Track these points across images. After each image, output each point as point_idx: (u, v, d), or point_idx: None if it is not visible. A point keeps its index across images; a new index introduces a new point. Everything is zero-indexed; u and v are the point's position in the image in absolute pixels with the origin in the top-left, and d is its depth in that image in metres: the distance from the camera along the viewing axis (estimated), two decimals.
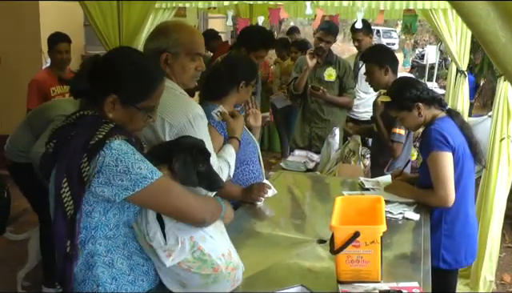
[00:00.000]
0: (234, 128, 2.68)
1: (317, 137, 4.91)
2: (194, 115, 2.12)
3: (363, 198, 2.53)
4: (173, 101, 2.13)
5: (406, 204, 2.78)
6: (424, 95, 2.79)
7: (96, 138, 1.63)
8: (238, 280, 1.87)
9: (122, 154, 1.63)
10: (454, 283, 2.97)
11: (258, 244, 2.37)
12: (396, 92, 2.90)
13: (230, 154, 2.54)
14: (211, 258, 1.75)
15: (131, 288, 1.78)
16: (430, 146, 2.67)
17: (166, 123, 2.07)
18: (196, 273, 1.75)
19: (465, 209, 2.79)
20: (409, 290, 1.80)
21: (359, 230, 1.84)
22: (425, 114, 2.79)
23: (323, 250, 2.22)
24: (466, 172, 2.75)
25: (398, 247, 2.33)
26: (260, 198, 2.82)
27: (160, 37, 2.19)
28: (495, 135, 3.80)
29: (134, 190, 1.64)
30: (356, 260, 1.88)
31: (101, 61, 1.77)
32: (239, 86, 2.86)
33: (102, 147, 1.62)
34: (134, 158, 1.64)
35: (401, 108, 2.85)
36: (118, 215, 1.73)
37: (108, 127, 1.67)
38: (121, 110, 1.73)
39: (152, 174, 1.66)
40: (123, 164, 1.62)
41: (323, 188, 3.48)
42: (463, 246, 2.79)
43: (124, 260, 1.77)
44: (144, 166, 1.65)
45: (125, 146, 1.65)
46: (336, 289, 1.87)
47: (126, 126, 1.76)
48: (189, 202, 1.75)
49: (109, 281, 1.73)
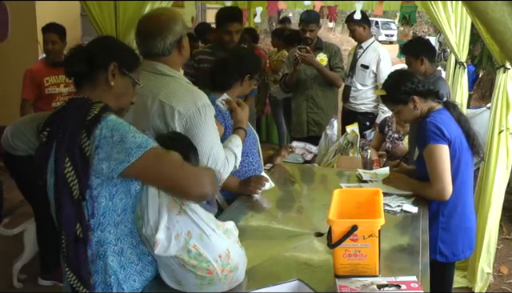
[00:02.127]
0: (241, 118, 2.68)
1: (314, 122, 4.94)
2: (203, 104, 2.18)
3: (361, 190, 2.52)
4: (181, 90, 2.19)
5: (405, 197, 2.76)
6: (419, 88, 2.77)
7: (92, 114, 1.69)
8: (237, 281, 1.83)
9: (117, 124, 1.69)
10: (451, 276, 2.96)
11: (255, 237, 2.35)
12: (391, 85, 2.88)
13: (237, 146, 2.54)
14: (207, 258, 1.73)
15: (139, 278, 1.79)
16: (426, 139, 2.65)
17: (175, 112, 2.11)
18: (191, 272, 1.73)
19: (463, 202, 2.77)
20: (407, 284, 1.79)
21: (357, 224, 1.83)
22: (421, 107, 2.77)
23: (320, 244, 2.20)
24: (464, 165, 2.73)
25: (396, 240, 2.31)
26: (257, 191, 2.80)
27: (174, 27, 2.24)
28: (494, 127, 3.78)
29: (130, 161, 1.64)
30: (354, 254, 1.86)
31: (92, 42, 1.91)
32: (244, 79, 2.86)
33: (100, 121, 1.68)
34: (128, 128, 1.70)
35: (396, 101, 2.83)
36: (124, 200, 1.72)
37: (100, 105, 1.73)
38: (120, 79, 1.84)
39: (146, 143, 1.68)
40: (118, 133, 1.66)
41: (321, 180, 3.46)
42: (460, 239, 2.78)
43: (132, 249, 1.77)
44: (138, 135, 1.69)
45: (118, 120, 1.72)
46: (333, 283, 1.85)
47: (121, 100, 1.87)
48: (186, 173, 1.75)
49: (119, 270, 1.74)
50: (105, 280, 1.73)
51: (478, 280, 3.94)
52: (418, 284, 1.79)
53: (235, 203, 2.72)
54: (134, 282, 1.77)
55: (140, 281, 1.80)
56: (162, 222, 1.70)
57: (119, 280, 1.73)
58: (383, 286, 1.77)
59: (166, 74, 2.23)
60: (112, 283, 1.73)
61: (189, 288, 1.78)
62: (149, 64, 2.24)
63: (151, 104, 2.18)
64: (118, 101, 1.85)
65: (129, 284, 1.76)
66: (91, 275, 1.71)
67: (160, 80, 2.21)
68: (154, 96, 2.18)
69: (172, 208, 1.73)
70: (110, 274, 1.72)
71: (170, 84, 2.20)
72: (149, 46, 2.25)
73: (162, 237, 1.69)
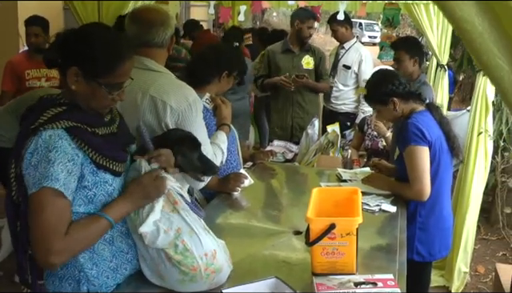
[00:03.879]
0: (226, 115, 2.69)
1: (299, 127, 4.88)
2: (193, 99, 2.19)
3: (340, 189, 2.53)
4: (172, 85, 2.19)
5: (383, 196, 2.78)
6: (399, 90, 2.78)
7: (37, 123, 1.61)
8: (218, 283, 1.82)
9: (41, 148, 1.59)
10: (428, 275, 3.00)
11: (233, 235, 2.34)
12: (372, 85, 2.91)
13: (222, 141, 2.56)
14: (193, 254, 1.73)
15: (112, 275, 1.77)
16: (407, 140, 2.67)
17: (168, 106, 2.11)
18: (175, 266, 1.73)
19: (440, 203, 2.80)
20: (383, 282, 1.80)
21: (335, 222, 1.83)
22: (401, 108, 2.79)
23: (299, 242, 2.20)
24: (443, 166, 2.76)
25: (374, 239, 2.32)
26: (237, 188, 2.80)
27: (170, 22, 2.25)
28: (473, 129, 3.83)
29: (32, 190, 1.58)
30: (331, 252, 1.87)
31: (70, 32, 1.73)
32: (221, 76, 2.83)
33: (36, 133, 1.60)
34: (47, 156, 1.57)
35: (376, 101, 2.87)
36: (84, 206, 1.69)
37: (54, 111, 1.64)
38: (83, 84, 1.67)
39: (44, 179, 1.55)
40: (38, 157, 1.59)
41: (301, 179, 3.47)
42: (437, 240, 2.81)
43: (105, 246, 1.75)
44: (47, 167, 1.56)
45: (53, 139, 1.59)
46: (311, 281, 1.85)
47: (90, 103, 1.71)
48: (54, 231, 1.57)
49: (89, 266, 1.72)
50: (73, 275, 1.72)
51: (455, 279, 3.98)
52: (395, 282, 1.80)
53: (214, 201, 2.71)
54: (107, 279, 1.76)
55: (114, 278, 1.78)
56: (151, 217, 1.71)
57: (88, 276, 1.72)
58: (360, 284, 1.78)
59: (154, 69, 2.23)
60: (81, 278, 1.72)
61: (170, 284, 1.78)
62: (136, 59, 2.20)
63: (141, 99, 2.16)
64: (87, 102, 1.71)
65: (101, 281, 1.74)
66: (29, 275, 1.71)
67: (148, 75, 2.20)
68: (143, 91, 2.16)
69: (165, 207, 1.76)
70: (80, 270, 1.71)
71: (159, 79, 2.20)
72: (151, 34, 2.22)
73: (146, 230, 1.70)
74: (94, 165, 1.67)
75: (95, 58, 1.66)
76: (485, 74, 1.00)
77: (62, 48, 1.69)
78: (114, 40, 1.73)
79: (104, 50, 1.67)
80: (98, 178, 1.69)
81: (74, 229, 1.61)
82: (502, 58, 0.86)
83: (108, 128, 1.77)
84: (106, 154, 1.70)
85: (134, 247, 1.82)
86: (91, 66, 1.66)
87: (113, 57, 1.69)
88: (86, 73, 1.66)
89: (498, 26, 0.84)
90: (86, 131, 1.67)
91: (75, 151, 1.62)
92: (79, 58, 1.66)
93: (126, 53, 1.74)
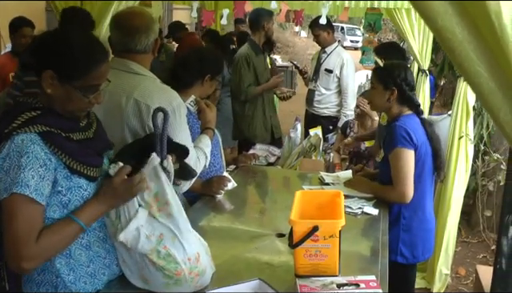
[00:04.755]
0: (210, 119, 2.68)
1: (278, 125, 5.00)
2: (177, 103, 2.18)
3: (323, 192, 2.54)
4: (156, 89, 2.18)
5: (366, 199, 2.79)
6: (403, 87, 2.77)
7: (10, 127, 1.59)
8: (202, 285, 1.82)
9: (13, 152, 1.57)
10: (412, 278, 3.02)
11: (217, 237, 2.34)
12: (389, 65, 2.90)
13: (206, 145, 2.54)
14: (176, 260, 1.72)
15: (90, 280, 1.76)
16: (395, 142, 2.68)
17: (151, 110, 2.06)
18: (159, 270, 1.73)
19: (423, 205, 2.83)
20: (366, 283, 1.81)
21: (318, 225, 1.84)
22: (393, 104, 2.79)
23: (282, 244, 2.21)
24: (427, 170, 2.78)
25: (356, 242, 2.34)
26: (220, 191, 2.80)
27: (154, 26, 2.24)
28: (454, 133, 3.88)
29: (3, 196, 1.57)
30: (314, 254, 1.88)
31: (45, 35, 1.72)
32: (204, 79, 2.82)
33: (9, 137, 1.59)
34: (18, 162, 1.56)
35: (380, 79, 2.83)
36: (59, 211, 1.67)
37: (28, 116, 1.62)
38: (58, 87, 1.65)
39: (14, 185, 1.54)
40: (10, 162, 1.57)
41: (284, 182, 3.48)
42: (420, 242, 2.83)
43: (82, 251, 1.74)
44: (17, 172, 1.55)
45: (25, 144, 1.58)
46: (294, 283, 1.86)
47: (66, 106, 1.69)
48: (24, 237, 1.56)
49: (66, 272, 1.70)
50: (50, 281, 1.71)
51: (437, 281, 4.02)
52: (377, 283, 1.82)
53: (197, 204, 2.71)
54: (85, 285, 1.74)
55: (92, 284, 1.76)
56: (133, 223, 1.70)
57: (66, 282, 1.70)
58: (342, 286, 1.79)
59: (139, 73, 2.21)
60: (58, 284, 1.70)
61: (155, 286, 1.78)
62: (121, 62, 2.21)
63: (126, 102, 2.14)
64: (63, 106, 1.68)
65: (79, 286, 1.73)
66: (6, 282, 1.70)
67: (133, 79, 2.18)
68: (128, 95, 2.14)
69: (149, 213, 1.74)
70: (57, 276, 1.70)
71: (144, 83, 2.19)
72: (133, 42, 2.21)
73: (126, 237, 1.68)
74: (67, 170, 1.65)
75: (69, 61, 1.64)
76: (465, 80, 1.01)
77: (38, 51, 1.68)
78: (88, 43, 1.71)
79: (78, 52, 1.65)
80: (72, 183, 1.67)
81: (46, 234, 1.60)
82: (481, 65, 0.89)
83: (84, 133, 1.75)
84: (79, 160, 1.67)
85: (112, 252, 1.81)
86: (65, 68, 1.64)
87: (87, 59, 1.67)
88: (60, 76, 1.64)
89: (478, 35, 0.87)
90: (60, 136, 1.65)
91: (48, 156, 1.61)
92: (54, 60, 1.64)
93: (101, 55, 1.72)
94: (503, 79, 0.86)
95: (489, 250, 4.82)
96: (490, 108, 0.93)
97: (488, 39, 0.84)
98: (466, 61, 0.90)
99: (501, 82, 0.87)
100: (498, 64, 0.85)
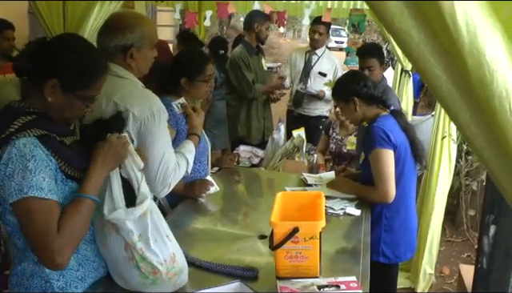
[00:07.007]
0: (197, 124, 2.65)
1: (271, 128, 5.02)
2: (157, 108, 2.16)
3: (304, 193, 2.54)
4: (137, 93, 2.17)
5: (348, 200, 2.80)
6: (362, 92, 2.82)
7: (7, 132, 1.59)
8: (180, 284, 1.83)
9: (16, 157, 1.57)
10: (394, 277, 3.02)
11: (199, 239, 2.34)
12: (339, 82, 2.99)
13: (189, 151, 2.50)
14: (152, 263, 1.72)
15: (81, 285, 1.75)
16: (373, 143, 2.70)
17: (130, 114, 2.08)
18: (136, 268, 1.72)
19: (405, 205, 2.84)
20: (346, 284, 1.81)
21: (298, 226, 1.84)
22: (363, 110, 2.83)
23: (264, 246, 2.20)
24: (407, 169, 2.80)
25: (338, 242, 2.34)
26: (202, 195, 2.79)
27: (126, 33, 2.17)
28: (437, 133, 3.91)
29: (8, 201, 1.57)
30: (295, 256, 1.87)
31: (48, 43, 1.73)
32: (181, 82, 2.79)
33: (9, 142, 1.58)
34: (23, 165, 1.56)
35: (339, 98, 2.94)
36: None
37: (24, 120, 1.62)
38: (60, 96, 1.66)
39: (28, 189, 1.55)
40: (12, 167, 1.57)
41: (266, 184, 3.48)
42: (402, 241, 2.84)
43: (71, 255, 1.70)
44: (28, 176, 1.56)
45: (28, 148, 1.58)
46: (275, 284, 1.86)
47: (64, 113, 1.71)
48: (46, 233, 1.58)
49: (56, 277, 1.70)
50: (40, 286, 1.70)
51: (421, 281, 4.04)
52: (358, 284, 1.82)
53: (180, 206, 2.70)
54: (75, 289, 1.74)
55: (82, 287, 1.76)
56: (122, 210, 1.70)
57: (55, 288, 1.69)
58: (323, 287, 1.79)
59: (121, 76, 2.19)
60: (47, 289, 1.70)
61: (132, 285, 1.77)
62: None
63: (105, 105, 2.13)
64: (60, 113, 1.71)
65: (70, 291, 1.72)
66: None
67: (115, 81, 2.16)
68: (108, 97, 2.13)
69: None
70: (46, 281, 1.69)
71: (126, 86, 2.17)
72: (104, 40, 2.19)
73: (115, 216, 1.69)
74: (63, 174, 1.66)
75: (76, 72, 1.67)
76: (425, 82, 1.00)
77: (38, 58, 1.67)
78: (94, 54, 1.76)
79: (85, 64, 1.69)
80: (67, 187, 1.68)
81: (64, 223, 1.61)
82: (438, 67, 0.89)
83: (73, 137, 1.77)
84: (73, 165, 1.69)
85: (98, 255, 1.81)
86: (72, 78, 1.67)
87: (93, 71, 1.72)
88: (65, 85, 1.66)
89: (434, 37, 0.87)
90: (56, 140, 1.66)
91: (49, 158, 1.62)
92: (60, 70, 1.65)
93: (104, 66, 1.78)
94: (461, 81, 0.86)
95: (473, 250, 4.85)
96: (449, 110, 0.94)
97: (444, 41, 0.84)
98: (424, 63, 0.90)
99: (458, 84, 0.87)
100: (456, 66, 0.85)
